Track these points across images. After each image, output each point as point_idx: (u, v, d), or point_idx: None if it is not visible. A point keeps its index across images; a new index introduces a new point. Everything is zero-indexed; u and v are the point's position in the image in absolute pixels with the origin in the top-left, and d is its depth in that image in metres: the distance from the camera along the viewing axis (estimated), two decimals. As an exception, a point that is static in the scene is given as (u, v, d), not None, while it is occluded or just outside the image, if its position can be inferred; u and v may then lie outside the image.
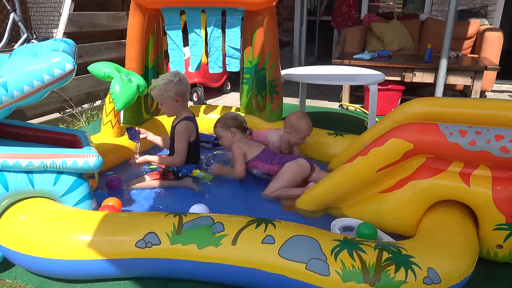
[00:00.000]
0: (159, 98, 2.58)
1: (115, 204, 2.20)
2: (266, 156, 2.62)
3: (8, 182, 1.87)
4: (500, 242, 1.82)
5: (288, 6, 7.37)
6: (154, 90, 2.58)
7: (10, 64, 1.79)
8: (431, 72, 4.30)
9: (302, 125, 2.80)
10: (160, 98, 2.57)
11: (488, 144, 1.74)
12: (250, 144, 2.68)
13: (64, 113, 4.16)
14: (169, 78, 2.55)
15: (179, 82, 2.55)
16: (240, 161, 2.60)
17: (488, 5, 5.83)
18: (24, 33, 5.21)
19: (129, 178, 2.64)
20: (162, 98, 2.57)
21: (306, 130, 2.82)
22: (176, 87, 2.54)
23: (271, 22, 3.09)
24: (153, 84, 2.59)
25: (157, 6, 3.01)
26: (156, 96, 2.59)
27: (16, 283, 1.85)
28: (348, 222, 2.05)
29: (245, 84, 3.43)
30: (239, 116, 2.78)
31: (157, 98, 2.60)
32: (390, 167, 1.97)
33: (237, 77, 3.66)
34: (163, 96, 2.55)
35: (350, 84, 4.78)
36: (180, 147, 2.58)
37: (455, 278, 1.53)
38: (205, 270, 1.71)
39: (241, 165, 2.60)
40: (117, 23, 4.85)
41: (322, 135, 3.05)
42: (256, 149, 2.65)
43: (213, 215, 1.83)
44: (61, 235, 1.79)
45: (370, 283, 1.49)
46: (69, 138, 2.34)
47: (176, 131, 2.59)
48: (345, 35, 5.62)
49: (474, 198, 1.81)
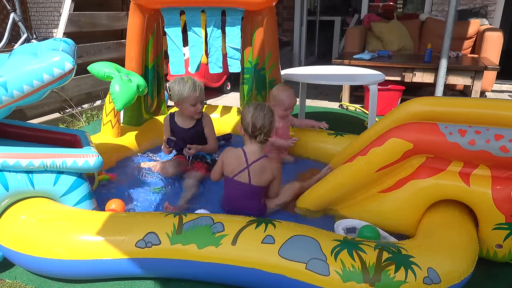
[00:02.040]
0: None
1: (117, 207, 2.19)
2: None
3: (8, 182, 1.87)
4: (499, 241, 1.82)
5: (288, 6, 7.37)
6: (200, 88, 2.68)
7: (10, 63, 1.79)
8: (431, 72, 4.30)
9: (282, 95, 2.80)
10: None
11: (488, 143, 1.74)
12: (236, 157, 2.24)
13: (64, 113, 4.16)
14: (191, 77, 2.73)
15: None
16: (215, 170, 2.34)
17: (488, 5, 5.83)
18: (24, 33, 5.21)
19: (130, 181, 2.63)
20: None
21: (287, 101, 2.80)
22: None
23: (271, 22, 3.09)
24: (194, 84, 2.67)
25: (157, 6, 3.01)
26: (203, 92, 2.73)
27: (16, 283, 1.85)
28: (352, 223, 2.04)
29: (245, 84, 3.43)
30: (249, 115, 2.18)
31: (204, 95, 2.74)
32: (389, 167, 1.97)
33: (237, 77, 3.66)
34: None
35: (350, 84, 4.78)
36: (214, 134, 2.82)
37: (455, 278, 1.53)
38: (205, 270, 1.71)
39: (213, 173, 2.36)
40: (117, 23, 4.85)
41: (322, 135, 3.05)
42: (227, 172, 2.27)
43: (213, 215, 1.83)
44: (61, 235, 1.79)
45: (370, 283, 1.49)
46: (69, 138, 2.34)
47: (208, 122, 2.80)
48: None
49: (473, 198, 1.81)
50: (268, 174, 2.21)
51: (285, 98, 2.81)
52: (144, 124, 3.30)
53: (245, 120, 2.21)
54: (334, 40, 7.85)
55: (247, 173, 2.18)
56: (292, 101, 2.84)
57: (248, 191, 2.20)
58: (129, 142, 3.03)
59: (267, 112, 2.17)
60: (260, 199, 2.26)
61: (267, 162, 2.21)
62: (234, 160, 2.22)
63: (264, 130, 2.17)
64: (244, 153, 2.21)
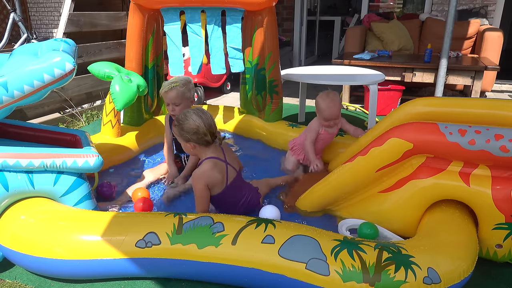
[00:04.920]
0: (180, 99, 2.57)
1: (144, 194, 2.31)
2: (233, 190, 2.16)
3: (8, 182, 1.87)
4: (499, 241, 1.82)
5: (288, 6, 7.37)
6: (175, 90, 2.54)
7: (10, 64, 1.79)
8: (431, 72, 4.30)
9: (322, 104, 2.56)
10: (180, 98, 2.57)
11: (488, 143, 1.74)
12: (217, 168, 2.07)
13: (64, 113, 4.16)
14: (186, 79, 2.63)
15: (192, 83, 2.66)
16: (202, 202, 2.06)
17: (488, 5, 5.83)
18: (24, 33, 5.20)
19: (129, 182, 2.62)
20: (183, 99, 2.59)
21: (326, 111, 2.54)
22: (192, 87, 2.63)
23: (271, 22, 3.09)
24: (171, 85, 2.55)
25: (157, 6, 3.01)
26: (178, 96, 2.55)
27: (16, 283, 1.85)
28: (356, 223, 2.04)
29: (245, 84, 3.43)
30: (197, 123, 2.00)
31: (177, 98, 2.55)
32: (389, 166, 1.97)
33: (237, 77, 3.66)
34: (184, 97, 2.60)
35: (350, 84, 4.78)
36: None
37: (455, 278, 1.53)
38: (205, 270, 1.71)
39: (203, 205, 2.06)
40: (117, 23, 4.85)
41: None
42: (220, 185, 2.09)
43: (213, 215, 1.83)
44: (61, 235, 1.79)
45: (370, 283, 1.49)
46: (69, 138, 2.34)
47: None
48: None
49: (473, 198, 1.81)
50: (237, 159, 2.26)
51: (324, 108, 2.57)
52: (144, 124, 3.30)
53: (196, 133, 1.99)
54: (334, 40, 7.85)
55: (231, 168, 2.12)
56: (332, 113, 2.56)
57: (241, 179, 2.26)
58: (129, 142, 3.03)
59: (208, 113, 2.06)
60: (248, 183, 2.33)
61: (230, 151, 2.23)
62: (215, 171, 2.03)
63: (216, 130, 2.06)
64: (215, 158, 2.06)
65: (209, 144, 2.04)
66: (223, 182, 2.08)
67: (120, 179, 2.68)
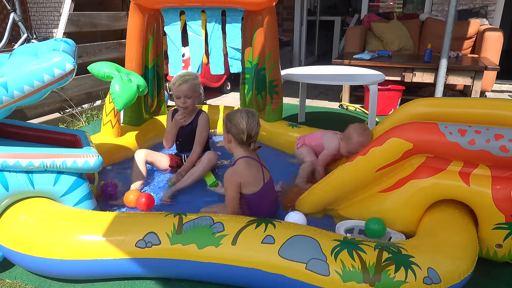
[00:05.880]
0: (192, 91, 2.64)
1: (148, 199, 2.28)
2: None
3: (8, 182, 1.87)
4: (499, 241, 1.82)
5: (288, 6, 7.37)
6: (189, 83, 2.61)
7: (10, 64, 1.79)
8: (431, 72, 4.30)
9: (353, 137, 2.51)
10: (193, 91, 2.65)
11: (488, 143, 1.74)
12: (251, 167, 2.10)
13: (64, 113, 4.16)
14: (195, 73, 2.69)
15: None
16: (234, 202, 2.07)
17: (488, 5, 5.83)
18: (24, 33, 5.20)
19: (128, 184, 2.62)
20: (194, 91, 2.66)
21: (354, 145, 2.49)
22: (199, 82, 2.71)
23: (271, 22, 3.09)
24: (184, 77, 2.62)
25: (157, 6, 3.01)
26: (191, 88, 2.63)
27: (16, 283, 1.85)
28: (353, 224, 2.04)
29: (245, 84, 3.43)
30: (243, 122, 2.05)
31: (190, 90, 2.63)
32: (389, 166, 1.97)
33: (237, 77, 3.66)
34: (196, 89, 2.67)
35: (350, 84, 4.78)
36: (201, 140, 2.74)
37: (455, 278, 1.53)
38: (205, 270, 1.71)
39: (234, 205, 2.07)
40: (117, 23, 4.85)
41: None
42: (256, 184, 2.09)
43: (213, 215, 1.83)
44: (61, 235, 1.79)
45: (370, 283, 1.49)
46: (69, 138, 2.34)
47: (201, 122, 2.72)
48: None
49: (473, 198, 1.81)
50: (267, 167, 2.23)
51: (354, 142, 2.51)
52: (144, 124, 3.31)
53: (237, 128, 2.04)
54: (334, 40, 7.85)
55: (265, 170, 2.17)
56: (358, 149, 2.35)
57: (273, 183, 2.26)
58: (129, 142, 3.04)
59: (258, 119, 2.10)
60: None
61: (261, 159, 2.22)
62: (249, 170, 2.06)
63: (256, 137, 2.08)
64: (248, 157, 2.10)
65: (244, 145, 2.09)
66: (259, 181, 2.10)
67: (118, 178, 2.67)
